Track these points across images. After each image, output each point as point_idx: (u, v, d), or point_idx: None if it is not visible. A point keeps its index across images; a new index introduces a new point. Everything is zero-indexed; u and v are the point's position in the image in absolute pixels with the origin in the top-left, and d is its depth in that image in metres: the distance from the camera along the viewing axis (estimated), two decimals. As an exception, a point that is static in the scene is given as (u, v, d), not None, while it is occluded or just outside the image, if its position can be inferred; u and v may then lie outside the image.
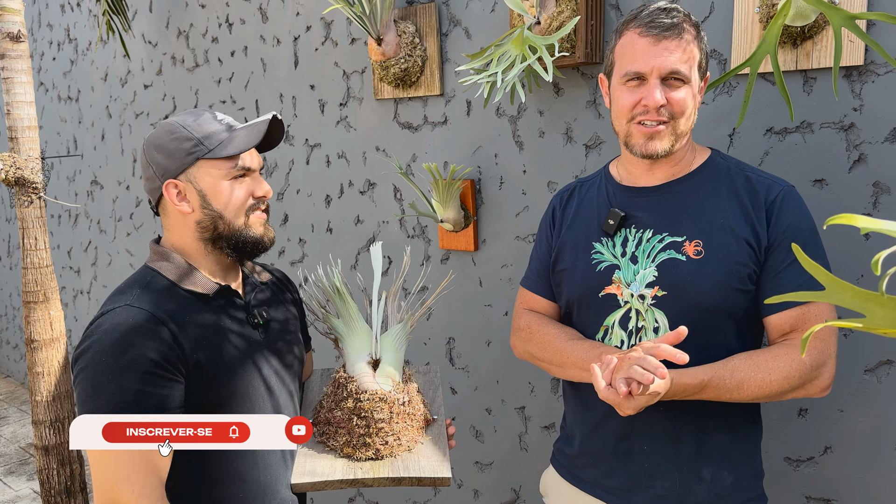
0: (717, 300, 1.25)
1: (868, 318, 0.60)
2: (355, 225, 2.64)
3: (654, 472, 1.33)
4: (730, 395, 1.22)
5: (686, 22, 1.25)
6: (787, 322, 1.25)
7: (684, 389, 1.21)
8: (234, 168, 1.25)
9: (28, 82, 2.63)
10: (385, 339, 1.43)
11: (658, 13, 1.25)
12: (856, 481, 1.64)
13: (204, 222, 1.26)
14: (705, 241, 1.27)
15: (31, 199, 2.64)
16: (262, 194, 1.30)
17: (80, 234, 4.36)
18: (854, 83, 1.54)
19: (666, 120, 1.26)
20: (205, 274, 1.29)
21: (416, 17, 2.25)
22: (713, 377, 1.21)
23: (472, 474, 2.45)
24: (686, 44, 1.23)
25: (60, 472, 2.75)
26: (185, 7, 3.22)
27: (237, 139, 1.25)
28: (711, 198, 1.30)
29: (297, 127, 2.79)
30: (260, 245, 1.31)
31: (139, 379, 1.12)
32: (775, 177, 1.31)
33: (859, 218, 0.58)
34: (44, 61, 4.39)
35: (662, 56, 1.23)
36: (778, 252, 1.24)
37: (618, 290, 1.33)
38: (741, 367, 1.22)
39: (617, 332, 1.33)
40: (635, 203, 1.36)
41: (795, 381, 1.21)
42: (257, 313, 1.33)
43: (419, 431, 1.39)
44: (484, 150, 2.20)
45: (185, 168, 1.24)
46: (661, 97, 1.23)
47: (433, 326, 2.45)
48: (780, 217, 1.25)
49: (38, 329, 2.71)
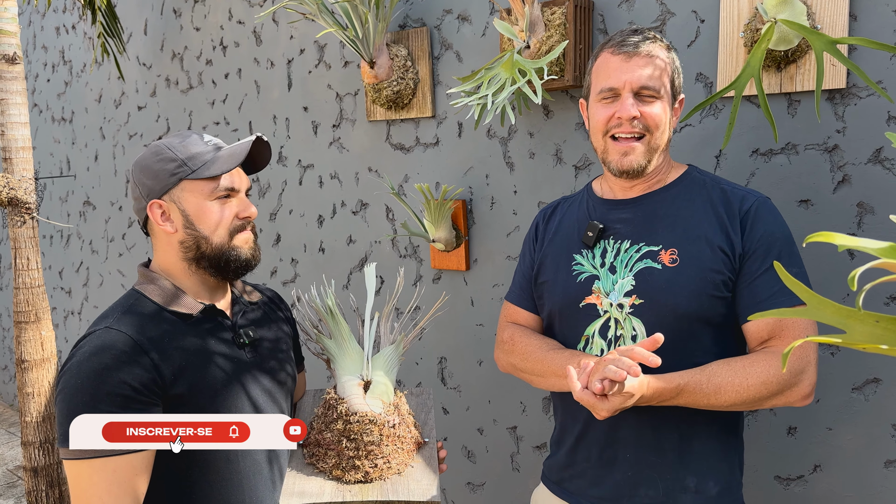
0: (693, 307, 1.27)
1: (848, 333, 0.62)
2: (347, 245, 2.65)
3: (638, 480, 1.34)
4: (707, 401, 1.23)
5: (656, 42, 1.32)
6: (765, 329, 1.26)
7: (660, 393, 1.21)
8: (217, 189, 1.25)
9: (23, 104, 2.65)
10: (377, 361, 1.43)
11: (629, 34, 1.32)
12: (846, 499, 1.64)
13: (187, 242, 1.27)
14: (680, 249, 1.29)
15: (23, 220, 2.65)
16: (246, 215, 1.29)
17: (72, 255, 4.35)
18: (837, 106, 1.57)
19: (640, 134, 1.30)
20: (190, 296, 1.29)
21: (409, 40, 2.28)
22: (689, 382, 1.22)
23: (464, 495, 2.44)
24: (656, 61, 1.30)
25: (49, 493, 2.72)
26: (179, 30, 3.25)
27: (220, 160, 1.26)
28: (687, 208, 1.33)
29: (290, 148, 2.81)
30: (244, 266, 1.30)
31: (112, 401, 1.12)
32: (750, 189, 1.35)
33: (837, 236, 0.60)
34: (38, 83, 4.41)
35: (633, 71, 1.28)
36: (753, 259, 1.26)
37: (597, 300, 1.35)
38: (718, 372, 1.23)
39: (597, 341, 1.36)
40: (613, 215, 1.39)
41: (773, 386, 1.21)
42: (244, 333, 1.33)
43: (409, 454, 1.38)
44: (475, 171, 2.23)
45: (169, 188, 1.25)
46: (634, 109, 1.28)
47: (425, 346, 2.46)
48: (754, 225, 1.27)
49: (29, 349, 2.70)
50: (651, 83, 1.28)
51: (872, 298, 1.55)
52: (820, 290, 1.51)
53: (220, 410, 1.24)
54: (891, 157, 1.52)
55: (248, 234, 1.31)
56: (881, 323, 0.60)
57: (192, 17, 3.16)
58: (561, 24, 1.81)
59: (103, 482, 1.12)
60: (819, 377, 1.63)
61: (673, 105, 1.34)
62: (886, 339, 0.60)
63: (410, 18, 2.31)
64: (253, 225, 1.33)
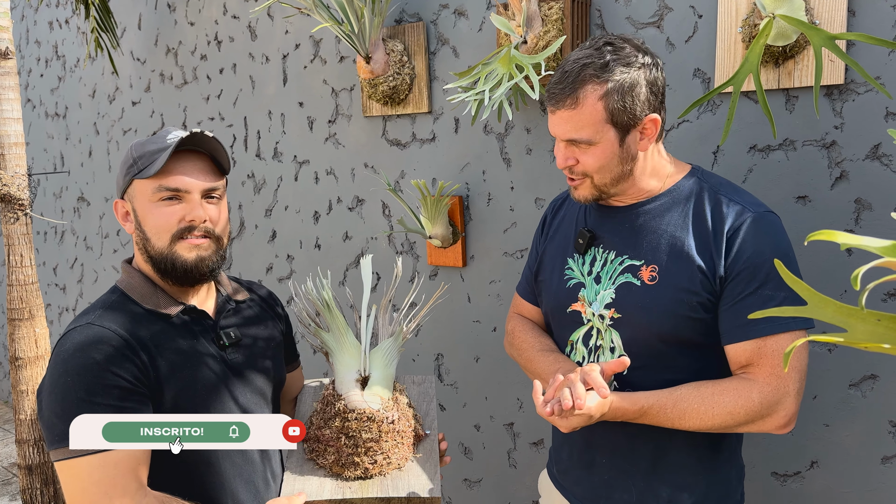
0: (667, 328, 1.24)
1: (849, 332, 0.61)
2: (344, 241, 2.64)
3: (612, 484, 1.35)
4: (671, 424, 1.21)
5: (586, 83, 1.19)
6: (743, 355, 1.21)
7: (623, 413, 1.20)
8: (160, 189, 1.20)
9: (15, 99, 2.63)
10: (375, 355, 1.42)
11: (555, 83, 1.23)
12: (843, 496, 1.65)
13: (139, 243, 1.25)
14: (661, 267, 1.26)
15: (17, 216, 2.63)
16: (190, 219, 1.21)
17: (66, 251, 4.33)
18: (835, 101, 1.56)
19: (580, 177, 1.28)
20: (168, 295, 1.26)
21: (405, 35, 2.27)
22: (654, 404, 1.20)
23: (461, 491, 2.44)
24: (583, 109, 1.20)
25: (44, 491, 2.71)
26: (174, 25, 3.23)
27: (159, 159, 1.19)
28: (674, 223, 1.27)
29: (285, 144, 2.79)
30: (188, 272, 1.22)
31: (110, 394, 1.10)
32: (752, 201, 1.26)
33: (840, 234, 0.59)
34: (31, 78, 4.38)
35: (560, 126, 1.25)
36: (737, 282, 1.20)
37: (582, 308, 1.35)
38: (686, 397, 1.20)
39: (580, 348, 1.37)
40: (605, 223, 1.36)
41: (740, 417, 1.18)
42: (224, 334, 1.30)
43: (410, 448, 1.37)
44: (472, 167, 2.22)
45: (126, 188, 1.25)
46: (563, 160, 1.27)
47: (421, 342, 2.45)
48: (742, 247, 1.20)
49: (23, 347, 2.68)
50: (577, 135, 1.22)
51: (869, 295, 1.54)
52: (816, 288, 1.51)
53: (202, 411, 1.22)
54: (889, 154, 1.52)
55: (198, 240, 1.22)
56: (883, 321, 0.60)
57: (187, 11, 3.13)
58: (558, 19, 1.80)
59: (106, 477, 1.10)
60: (816, 374, 1.64)
61: (628, 134, 1.23)
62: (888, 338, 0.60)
63: (406, 13, 2.30)
64: (205, 231, 1.24)
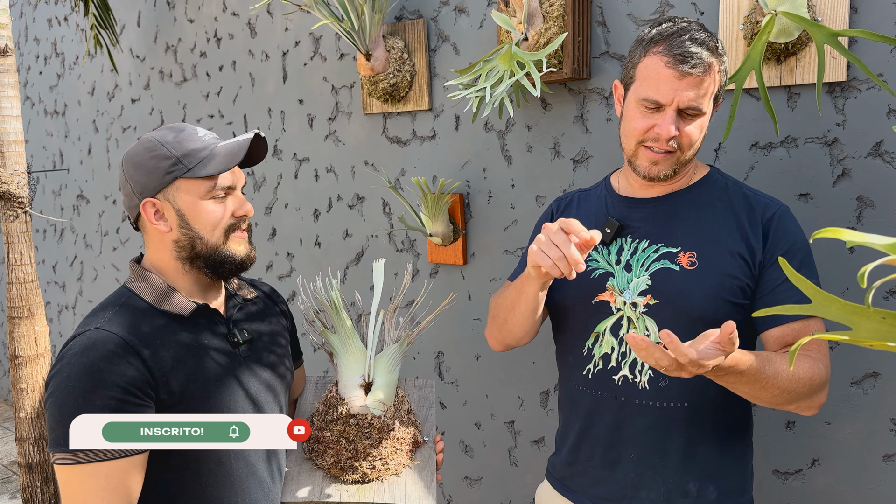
0: (708, 311, 1.25)
1: (854, 330, 0.61)
2: (344, 239, 2.64)
3: (639, 482, 1.33)
4: (762, 384, 1.15)
5: (713, 54, 1.22)
6: (791, 334, 1.24)
7: (738, 361, 1.11)
8: (214, 188, 1.22)
9: (15, 96, 2.63)
10: (379, 361, 1.41)
11: (689, 46, 1.20)
12: (844, 493, 1.64)
13: (181, 242, 1.23)
14: (699, 252, 1.28)
15: (16, 214, 2.63)
16: (242, 213, 1.26)
17: (66, 249, 4.33)
18: (837, 99, 1.56)
19: (673, 150, 1.26)
20: (183, 294, 1.26)
21: (405, 32, 2.27)
22: (755, 359, 1.14)
23: (462, 489, 2.44)
24: (707, 78, 1.22)
25: (44, 489, 2.71)
26: (173, 22, 3.22)
27: (217, 158, 1.21)
28: (707, 211, 1.31)
29: (285, 141, 2.79)
30: (240, 265, 1.27)
31: (106, 404, 1.10)
32: (772, 196, 1.33)
33: (845, 231, 0.59)
34: (30, 75, 4.37)
35: (684, 91, 1.21)
36: (775, 268, 1.25)
37: (611, 298, 1.34)
38: (773, 358, 1.18)
39: (608, 338, 1.34)
40: (633, 214, 1.37)
41: (815, 385, 1.20)
42: (237, 331, 1.30)
43: (408, 455, 1.39)
44: (472, 165, 2.21)
45: (164, 187, 1.21)
46: (674, 129, 1.23)
47: (422, 341, 2.45)
48: (778, 234, 1.26)
49: (23, 345, 2.68)
50: (697, 103, 1.23)
51: (876, 294, 1.54)
52: (820, 286, 1.50)
53: (217, 409, 1.21)
54: (891, 151, 1.51)
55: (243, 232, 1.28)
56: (888, 319, 0.59)
57: (186, 8, 3.13)
58: (559, 15, 1.79)
59: (96, 488, 1.10)
60: (818, 371, 1.63)
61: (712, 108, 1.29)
62: (893, 336, 0.59)
63: (407, 10, 2.29)
64: (248, 223, 1.30)
